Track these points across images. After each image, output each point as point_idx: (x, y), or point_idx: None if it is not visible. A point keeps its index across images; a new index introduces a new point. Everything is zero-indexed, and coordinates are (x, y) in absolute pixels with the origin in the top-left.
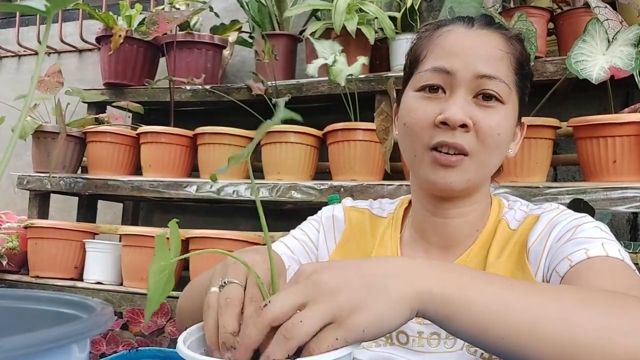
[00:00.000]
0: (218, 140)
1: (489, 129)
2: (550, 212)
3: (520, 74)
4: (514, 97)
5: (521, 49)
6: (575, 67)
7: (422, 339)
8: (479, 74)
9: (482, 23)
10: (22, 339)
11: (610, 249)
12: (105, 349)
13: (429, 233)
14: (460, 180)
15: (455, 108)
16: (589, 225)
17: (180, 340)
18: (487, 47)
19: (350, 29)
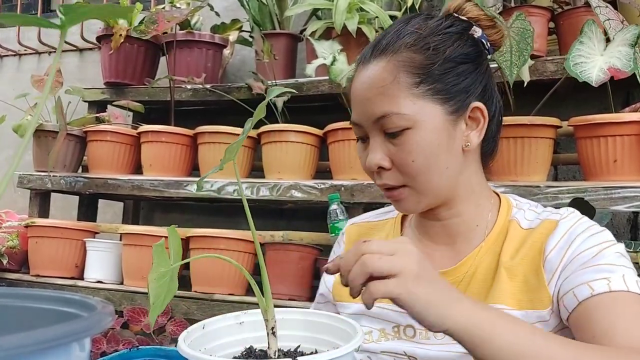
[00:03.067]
0: (218, 139)
1: (403, 161)
2: (567, 219)
3: (426, 80)
4: (427, 108)
5: (418, 56)
6: (575, 69)
7: (428, 332)
8: (373, 119)
9: (377, 51)
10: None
11: (630, 281)
12: (105, 348)
13: (431, 233)
14: (414, 206)
15: (370, 156)
16: (610, 250)
17: (181, 339)
18: (373, 85)
19: (350, 28)
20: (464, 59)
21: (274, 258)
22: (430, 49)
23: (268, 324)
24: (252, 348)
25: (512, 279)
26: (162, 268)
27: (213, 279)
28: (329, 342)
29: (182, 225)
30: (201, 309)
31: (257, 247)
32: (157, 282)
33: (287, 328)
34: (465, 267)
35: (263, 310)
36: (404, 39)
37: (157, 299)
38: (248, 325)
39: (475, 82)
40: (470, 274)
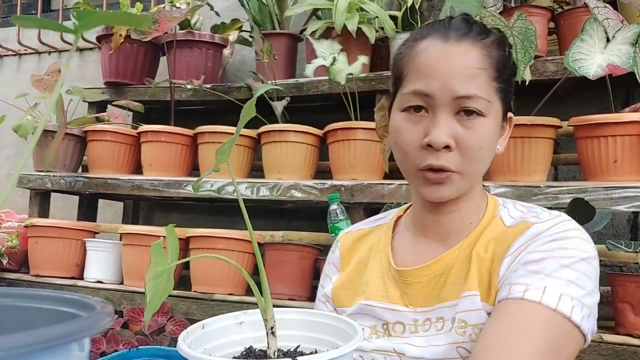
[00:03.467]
0: (218, 139)
1: (472, 145)
2: (543, 223)
3: (500, 78)
4: (496, 104)
5: (500, 54)
6: (573, 65)
7: (417, 326)
8: (456, 96)
9: (458, 34)
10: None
11: (550, 295)
12: (105, 348)
13: (427, 228)
14: (449, 193)
15: (437, 131)
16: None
17: (181, 338)
18: (462, 65)
19: (350, 28)
20: (514, 71)
21: (274, 258)
22: (506, 52)
23: (267, 323)
24: (251, 348)
25: (479, 269)
26: (159, 267)
27: (213, 279)
28: (328, 342)
29: (182, 225)
30: (201, 309)
31: (255, 247)
32: (154, 281)
33: (287, 328)
34: (446, 260)
35: (262, 310)
36: (489, 34)
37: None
38: (248, 325)
39: (512, 93)
40: (450, 267)
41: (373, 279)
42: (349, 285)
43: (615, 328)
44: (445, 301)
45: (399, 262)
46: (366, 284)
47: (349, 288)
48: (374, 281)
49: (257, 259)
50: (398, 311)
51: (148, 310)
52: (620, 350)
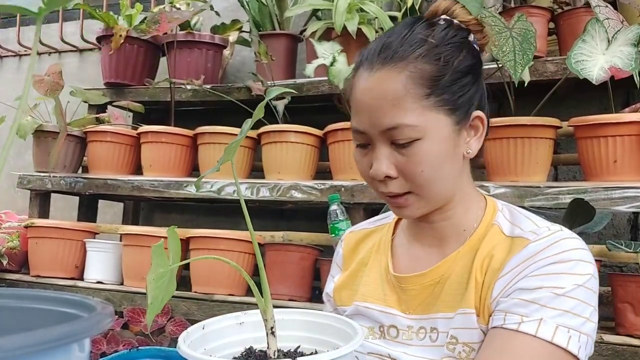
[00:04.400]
0: (218, 139)
1: (412, 171)
2: (539, 243)
3: (437, 91)
4: (436, 119)
5: (430, 67)
6: (576, 67)
7: (411, 332)
8: (383, 129)
9: (383, 59)
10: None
11: (546, 328)
12: (105, 348)
13: (420, 235)
14: (416, 212)
15: (376, 165)
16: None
17: (181, 339)
18: (384, 96)
19: (350, 29)
20: (469, 69)
21: (274, 258)
22: (441, 60)
23: (267, 324)
24: (252, 348)
25: (477, 286)
26: (161, 269)
27: (213, 280)
28: (329, 342)
29: (182, 226)
30: (201, 310)
31: (255, 247)
32: (155, 282)
33: (287, 328)
34: (442, 269)
35: (262, 310)
36: (415, 49)
37: (155, 299)
38: (248, 325)
39: (477, 90)
40: (446, 277)
41: (372, 280)
42: (350, 285)
43: (615, 328)
44: (440, 312)
45: (397, 266)
46: (365, 285)
47: (350, 288)
48: (372, 283)
49: (257, 260)
50: (393, 315)
51: (150, 311)
52: (620, 350)
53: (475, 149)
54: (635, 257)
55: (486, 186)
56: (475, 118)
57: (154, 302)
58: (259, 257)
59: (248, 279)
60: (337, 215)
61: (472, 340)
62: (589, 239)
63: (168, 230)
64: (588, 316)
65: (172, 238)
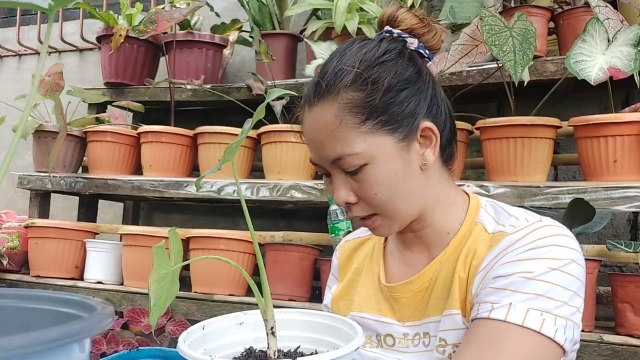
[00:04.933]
0: (218, 139)
1: (367, 195)
2: (514, 235)
3: (371, 116)
4: (378, 142)
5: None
6: (575, 67)
7: (407, 340)
8: (331, 160)
9: (319, 94)
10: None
11: (516, 312)
12: (105, 349)
13: (407, 243)
14: (388, 231)
15: (336, 193)
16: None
17: (181, 339)
18: (322, 130)
19: (350, 29)
20: (405, 84)
21: (274, 258)
22: (369, 84)
23: (267, 324)
24: (252, 349)
25: (460, 285)
26: (162, 270)
27: (213, 280)
28: (329, 342)
29: (182, 226)
30: (201, 310)
31: (255, 247)
32: (157, 283)
33: (287, 328)
34: (429, 274)
35: (262, 310)
36: (343, 79)
37: (158, 300)
38: (248, 325)
39: (420, 101)
40: (433, 280)
41: (366, 290)
42: (347, 296)
43: (615, 328)
44: (431, 316)
45: (389, 274)
46: (360, 295)
47: (346, 298)
48: (367, 292)
49: (257, 260)
50: (389, 324)
51: (154, 313)
52: (620, 350)
53: (432, 159)
54: (635, 257)
55: (486, 186)
56: (424, 129)
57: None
58: (259, 257)
59: (248, 279)
60: (337, 215)
61: (459, 340)
62: (589, 238)
63: (169, 231)
64: (566, 300)
65: (173, 239)
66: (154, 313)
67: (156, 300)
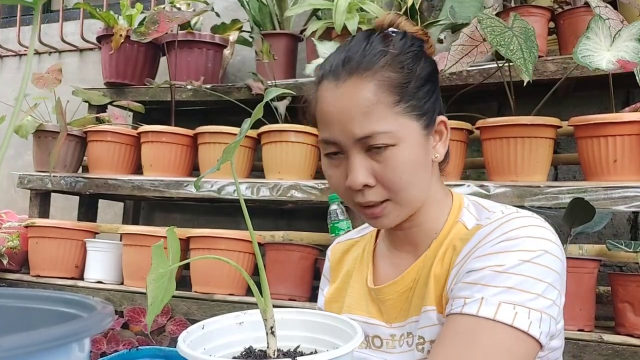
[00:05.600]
0: (219, 139)
1: (390, 178)
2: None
3: (405, 98)
4: (408, 125)
5: (396, 75)
6: (584, 60)
7: (394, 341)
8: (357, 138)
9: (349, 70)
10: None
11: (487, 306)
12: (105, 348)
13: (395, 242)
14: (392, 221)
15: (352, 175)
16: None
17: (181, 339)
18: (354, 105)
19: (351, 29)
20: (429, 77)
21: (274, 258)
22: (405, 68)
23: (267, 323)
24: (251, 348)
25: (437, 282)
26: (160, 269)
27: (213, 279)
28: (328, 342)
29: (183, 225)
30: (201, 309)
31: (255, 247)
32: (155, 283)
33: (287, 328)
34: (412, 274)
35: (262, 310)
36: (379, 59)
37: (155, 299)
38: (248, 325)
39: (437, 97)
40: (416, 281)
41: (356, 292)
42: (339, 298)
43: (615, 328)
44: (412, 316)
45: (377, 276)
46: (350, 297)
47: (338, 300)
48: (356, 294)
49: (257, 260)
50: (376, 325)
51: (150, 312)
52: (620, 350)
53: (442, 153)
54: (635, 257)
55: (486, 186)
56: (440, 123)
57: (154, 302)
58: (258, 257)
59: (248, 279)
60: (337, 215)
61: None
62: (589, 238)
63: (167, 231)
64: (540, 292)
65: (171, 238)
66: (151, 312)
67: (153, 299)
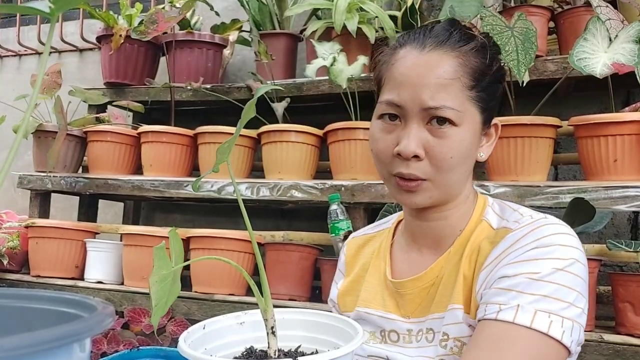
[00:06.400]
0: (218, 139)
1: (442, 155)
2: (519, 231)
3: (478, 86)
4: (472, 112)
5: (479, 62)
6: (578, 64)
7: (411, 336)
8: (425, 106)
9: (435, 42)
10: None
11: (524, 313)
12: (106, 348)
13: (417, 235)
14: (422, 200)
15: (406, 141)
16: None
17: (182, 339)
18: (433, 75)
19: (350, 29)
20: (500, 79)
21: (275, 258)
22: (487, 59)
23: (267, 323)
24: (252, 348)
25: (465, 281)
26: (163, 270)
27: (213, 279)
28: (329, 342)
29: (183, 226)
30: (202, 309)
31: (254, 247)
32: (158, 284)
33: (288, 328)
34: (436, 271)
35: (262, 310)
36: (467, 42)
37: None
38: (249, 325)
39: (498, 100)
40: (440, 277)
41: (372, 286)
42: (353, 291)
43: (615, 328)
44: (436, 312)
45: (395, 271)
46: (366, 290)
47: (353, 294)
48: (372, 288)
49: (257, 259)
50: (393, 320)
51: (155, 313)
52: (621, 350)
53: (486, 154)
54: (635, 257)
55: (486, 186)
56: (494, 125)
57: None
58: (258, 257)
59: (248, 279)
60: (337, 215)
61: (462, 334)
62: (589, 238)
63: (170, 232)
64: (571, 301)
65: (173, 239)
66: (155, 313)
67: (157, 301)
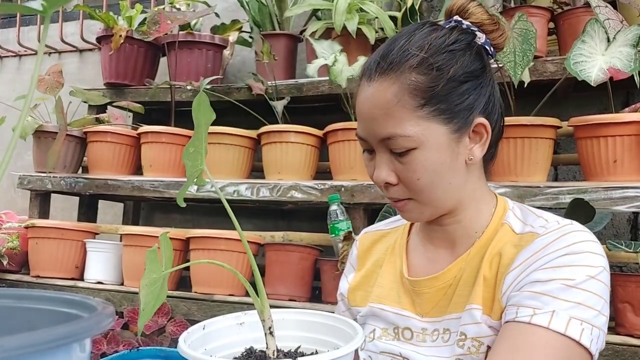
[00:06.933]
0: (218, 140)
1: (408, 179)
2: (548, 236)
3: (430, 102)
4: (432, 128)
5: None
6: (574, 68)
7: (425, 335)
8: (380, 138)
9: (379, 69)
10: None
11: (558, 319)
12: (106, 349)
13: (433, 238)
14: (416, 217)
15: (376, 172)
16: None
17: (182, 339)
18: (379, 106)
19: (350, 29)
20: (468, 77)
21: (274, 259)
22: (434, 70)
23: (265, 324)
24: (252, 349)
25: (485, 282)
26: (154, 274)
27: (213, 280)
28: (329, 342)
29: (183, 226)
30: (201, 310)
31: (246, 247)
32: (148, 288)
33: (288, 328)
34: (454, 271)
35: (259, 310)
36: (409, 60)
37: (147, 305)
38: (248, 325)
39: (479, 97)
40: (458, 278)
41: (387, 282)
42: (364, 286)
43: (615, 328)
44: (453, 313)
45: (412, 269)
46: (380, 287)
47: (364, 289)
48: (387, 285)
49: (249, 259)
50: (408, 317)
51: (142, 317)
52: (620, 350)
53: (478, 156)
54: (635, 257)
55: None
56: (479, 125)
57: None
58: (250, 257)
59: (243, 280)
60: (337, 215)
61: (480, 334)
62: None
63: (160, 236)
64: (600, 309)
65: (164, 244)
66: (142, 317)
67: (145, 305)
